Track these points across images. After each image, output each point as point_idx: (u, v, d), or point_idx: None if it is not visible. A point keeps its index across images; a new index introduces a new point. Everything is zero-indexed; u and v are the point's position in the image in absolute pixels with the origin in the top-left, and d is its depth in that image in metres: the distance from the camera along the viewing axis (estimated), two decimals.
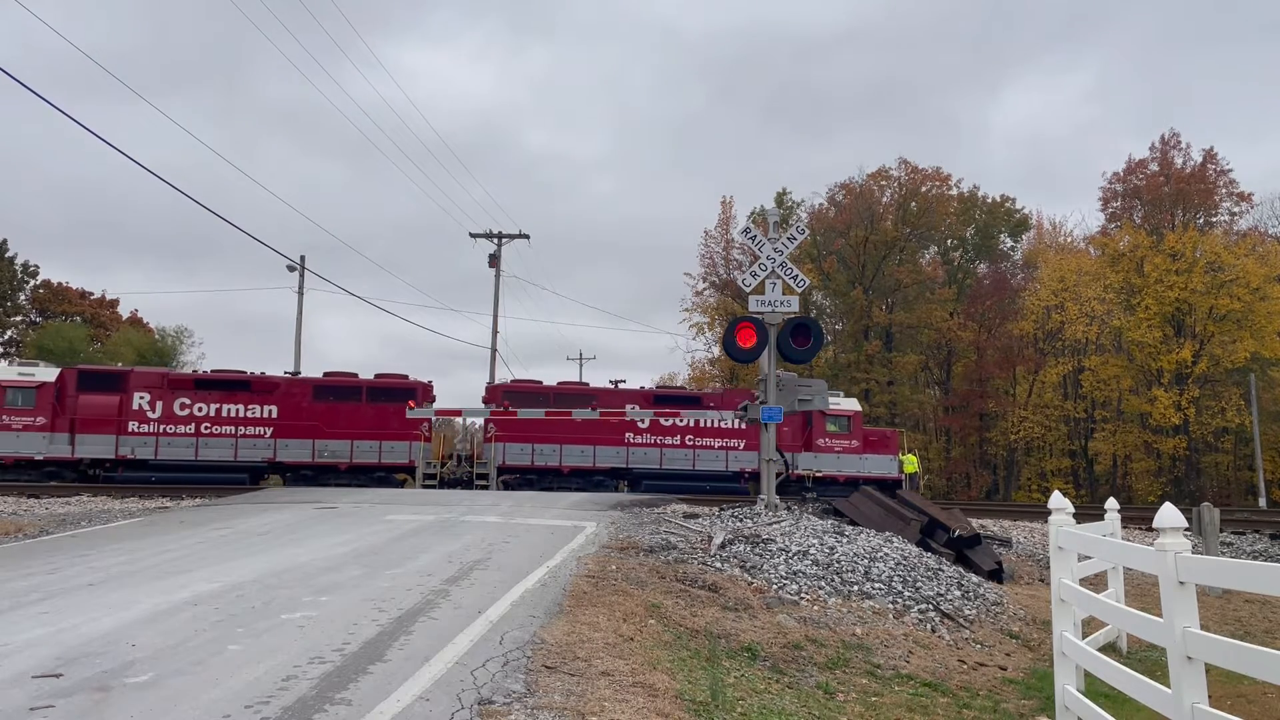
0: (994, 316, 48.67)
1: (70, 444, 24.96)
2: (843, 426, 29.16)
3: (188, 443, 25.67)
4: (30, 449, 24.64)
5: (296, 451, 26.20)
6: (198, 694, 4.88)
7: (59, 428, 24.91)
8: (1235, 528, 20.42)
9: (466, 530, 12.73)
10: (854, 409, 30.14)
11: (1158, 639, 4.76)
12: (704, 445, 28.50)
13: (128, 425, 25.38)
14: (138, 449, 25.35)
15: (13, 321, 48.82)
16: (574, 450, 27.58)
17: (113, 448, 25.21)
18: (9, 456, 24.47)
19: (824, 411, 28.58)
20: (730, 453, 28.52)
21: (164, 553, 10.44)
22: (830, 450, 28.88)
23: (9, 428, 24.52)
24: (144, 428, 25.48)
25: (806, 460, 28.69)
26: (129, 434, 25.37)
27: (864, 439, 29.45)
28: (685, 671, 6.25)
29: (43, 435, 24.74)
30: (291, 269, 37.17)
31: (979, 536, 13.93)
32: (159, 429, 25.56)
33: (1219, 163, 47.22)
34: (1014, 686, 7.71)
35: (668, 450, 28.31)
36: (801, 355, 15.66)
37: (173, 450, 25.51)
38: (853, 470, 28.64)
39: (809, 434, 28.88)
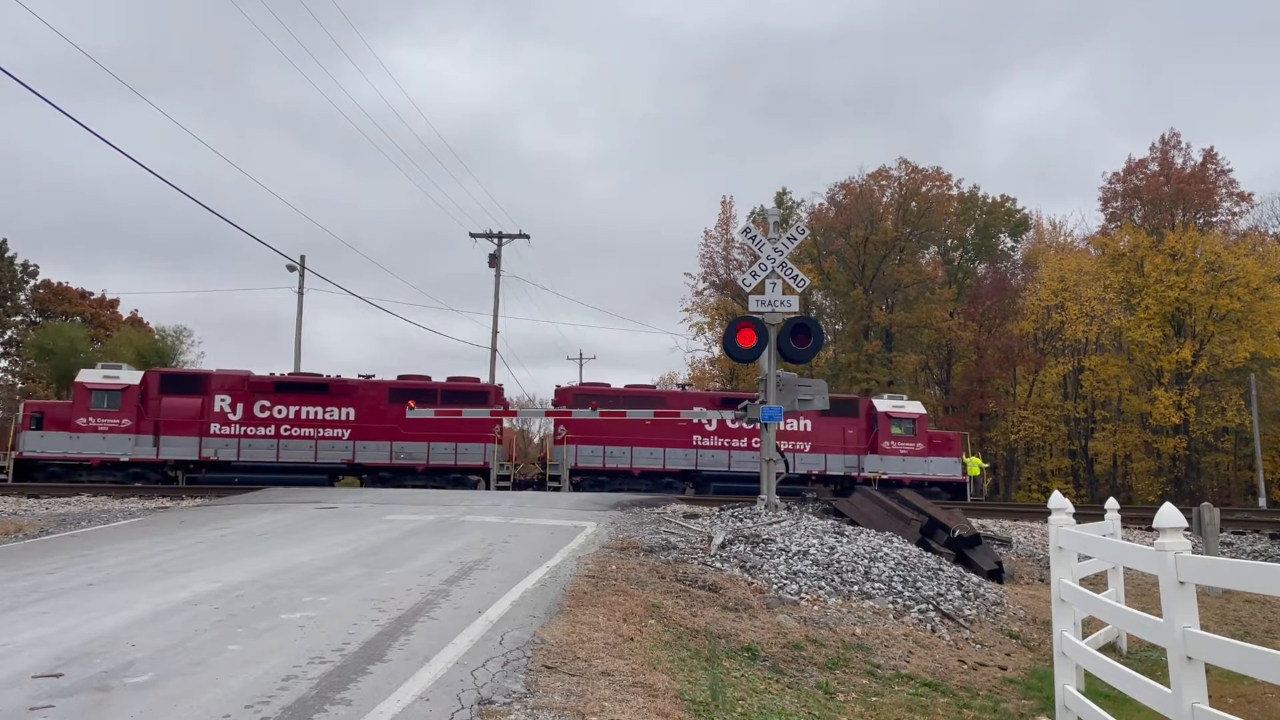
0: (994, 316, 48.67)
1: (155, 446, 25.38)
2: (907, 429, 29.27)
3: (268, 444, 26.06)
4: (116, 450, 25.05)
5: (374, 453, 26.52)
6: (198, 694, 4.88)
7: (143, 430, 25.33)
8: (1235, 528, 20.42)
9: (466, 530, 12.73)
10: (919, 412, 30.22)
11: (1158, 639, 4.76)
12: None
13: (209, 427, 25.79)
14: (220, 451, 25.76)
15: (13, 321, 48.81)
16: (643, 453, 27.82)
17: (196, 449, 25.63)
18: (96, 458, 24.88)
19: (889, 414, 28.99)
20: (797, 455, 28.67)
21: (164, 553, 10.44)
22: (895, 453, 28.99)
23: (95, 430, 24.95)
24: (225, 430, 25.91)
25: (872, 463, 28.83)
26: (211, 436, 25.80)
27: (928, 441, 29.52)
28: (685, 671, 6.25)
29: (128, 437, 25.17)
30: (291, 269, 37.16)
31: (979, 536, 13.93)
32: (240, 431, 25.98)
33: (1219, 163, 47.28)
34: (1014, 686, 7.71)
35: (735, 453, 28.48)
36: (801, 355, 15.66)
37: (254, 452, 25.93)
38: (918, 473, 28.72)
39: (874, 437, 29.04)
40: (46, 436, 24.85)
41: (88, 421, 24.98)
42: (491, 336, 39.70)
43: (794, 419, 28.38)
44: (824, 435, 28.88)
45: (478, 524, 13.53)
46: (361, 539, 11.57)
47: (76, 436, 24.87)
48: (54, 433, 24.84)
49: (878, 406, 29.61)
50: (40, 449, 24.85)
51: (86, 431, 24.91)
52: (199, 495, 20.72)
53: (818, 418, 28.67)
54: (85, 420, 25.04)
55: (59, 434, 24.80)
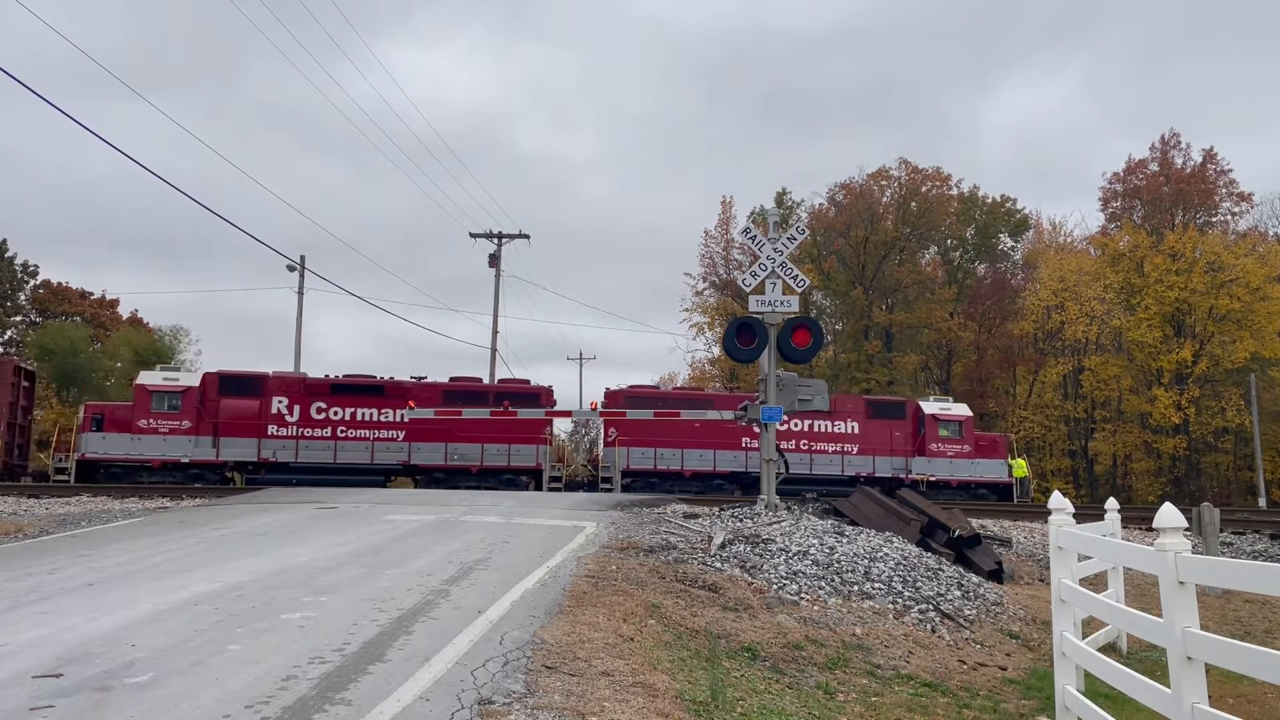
0: (994, 316, 48.67)
1: (214, 447, 25.58)
2: (954, 431, 29.44)
3: (325, 446, 26.25)
4: (177, 452, 25.28)
5: (429, 454, 26.69)
6: (198, 694, 4.88)
7: (203, 431, 25.53)
8: (1235, 528, 20.42)
9: (466, 530, 12.72)
10: (965, 414, 30.37)
11: (1158, 639, 4.76)
12: (819, 450, 28.86)
13: (266, 429, 25.99)
14: (278, 452, 25.96)
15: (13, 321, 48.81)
16: (693, 455, 27.99)
17: (255, 451, 25.80)
18: (157, 459, 25.12)
19: (936, 416, 29.20)
20: (846, 457, 28.84)
21: (164, 553, 10.43)
22: (943, 455, 29.13)
23: (156, 431, 25.19)
24: (282, 431, 26.10)
25: (920, 465, 28.95)
26: (268, 437, 25.99)
27: (975, 443, 29.65)
28: (685, 671, 6.25)
29: (189, 439, 25.42)
30: (291, 269, 37.15)
31: (979, 536, 13.93)
32: (297, 432, 26.18)
33: (1219, 163, 47.30)
34: (1014, 686, 7.71)
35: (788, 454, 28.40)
36: (801, 355, 15.66)
37: (311, 453, 26.14)
38: (965, 475, 28.87)
39: (921, 439, 29.18)
40: (108, 438, 25.06)
41: (148, 423, 25.24)
42: (491, 336, 39.75)
43: (842, 421, 28.82)
44: (872, 438, 29.08)
45: (478, 524, 13.53)
46: (361, 539, 11.57)
47: (138, 438, 25.11)
48: (115, 434, 25.06)
49: (925, 409, 29.79)
50: (102, 450, 25.08)
51: (147, 433, 25.16)
52: (199, 495, 20.73)
53: (865, 420, 29.12)
54: (146, 422, 25.28)
55: (120, 436, 25.04)
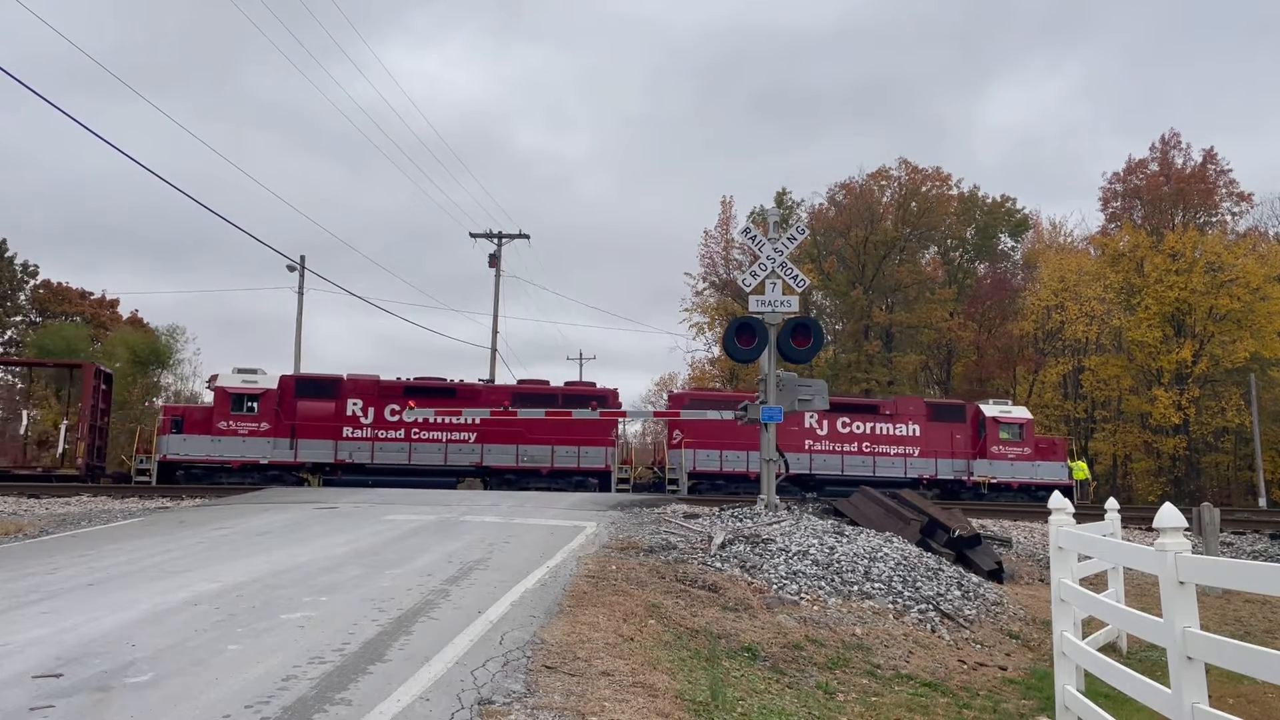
0: (994, 316, 48.67)
1: (292, 449, 25.97)
2: (1015, 434, 29.64)
3: (399, 447, 26.60)
4: (256, 453, 25.67)
5: (500, 456, 27.03)
6: (198, 694, 4.88)
7: (280, 433, 25.92)
8: (1235, 528, 20.42)
9: (466, 530, 12.72)
10: (1025, 417, 30.57)
11: (1158, 639, 4.76)
12: (882, 453, 29.08)
13: (342, 430, 26.35)
14: (354, 454, 26.32)
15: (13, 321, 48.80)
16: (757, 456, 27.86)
17: (331, 452, 26.20)
18: (236, 460, 25.52)
19: (997, 419, 29.43)
20: (908, 459, 29.06)
21: (164, 553, 10.43)
22: (1004, 457, 29.34)
23: (235, 433, 25.61)
24: (357, 433, 26.48)
25: (981, 467, 29.19)
26: (344, 439, 26.36)
27: (1035, 446, 29.87)
28: (685, 671, 6.25)
29: (267, 441, 25.79)
30: (292, 269, 37.14)
31: (979, 536, 13.93)
32: (372, 434, 26.52)
33: (1219, 163, 47.30)
34: (1014, 686, 7.71)
35: (848, 457, 28.87)
36: (801, 355, 15.66)
37: (386, 455, 26.48)
38: (1026, 477, 29.05)
39: (983, 442, 29.39)
40: (189, 440, 25.50)
41: (228, 425, 25.64)
42: (491, 336, 39.75)
43: (903, 424, 29.07)
44: (933, 440, 29.32)
45: (478, 524, 13.53)
46: (361, 539, 11.57)
47: (218, 440, 25.55)
48: (196, 436, 25.52)
49: (985, 411, 30.02)
50: (183, 452, 25.48)
51: (227, 435, 25.59)
52: (199, 495, 20.75)
53: (926, 423, 29.37)
54: (226, 424, 25.66)
55: (201, 437, 25.51)
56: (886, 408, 29.87)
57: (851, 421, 28.99)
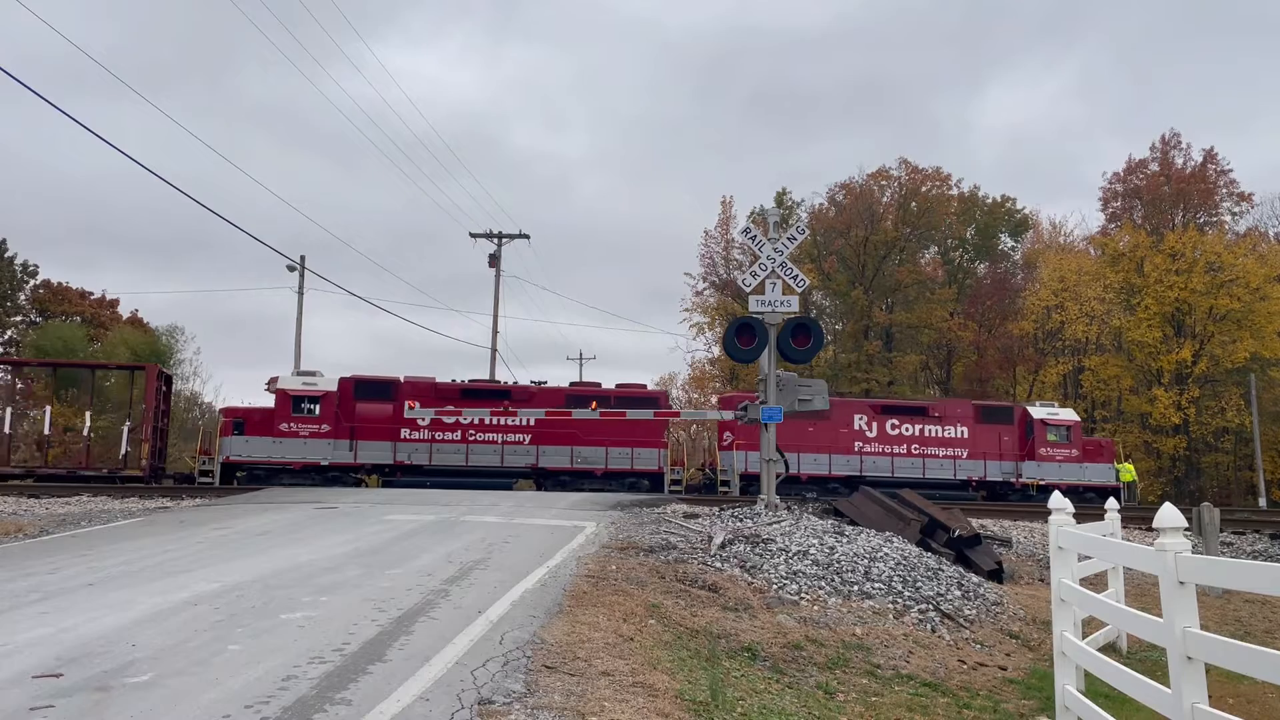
0: (994, 316, 48.67)
1: (352, 450, 26.27)
2: (1063, 436, 29.78)
3: (456, 449, 26.87)
4: (316, 455, 25.93)
5: (554, 458, 27.28)
6: (198, 694, 4.88)
7: (340, 434, 26.18)
8: (1235, 528, 20.42)
9: (466, 530, 12.72)
10: (1073, 419, 30.70)
11: (1158, 639, 4.76)
12: (931, 454, 29.29)
13: (400, 432, 26.58)
14: (413, 455, 26.59)
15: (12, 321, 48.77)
16: (808, 459, 28.37)
17: (391, 454, 26.47)
18: (298, 462, 25.85)
19: (1045, 421, 29.60)
20: (957, 461, 29.22)
21: (164, 553, 10.43)
22: (1052, 459, 29.46)
23: (296, 435, 25.94)
24: (415, 435, 26.69)
25: (1030, 469, 29.33)
26: (402, 440, 26.60)
27: (1083, 448, 30.01)
28: (685, 671, 6.25)
29: (328, 442, 26.03)
30: (291, 269, 37.13)
31: (979, 536, 13.93)
32: (429, 436, 26.77)
33: (1219, 163, 47.27)
34: (1014, 686, 7.71)
35: (898, 459, 29.08)
36: (801, 355, 15.67)
37: (443, 456, 26.77)
38: (1074, 478, 29.11)
39: (1031, 444, 29.55)
40: (251, 441, 25.82)
41: (289, 427, 25.93)
42: (491, 336, 39.75)
43: (952, 426, 29.31)
44: (981, 442, 29.49)
45: (478, 524, 13.53)
46: (361, 539, 11.57)
47: (279, 441, 25.87)
48: (257, 438, 25.83)
49: (1033, 414, 30.18)
50: (246, 453, 25.79)
51: (288, 436, 25.91)
52: (199, 495, 20.76)
53: (974, 424, 29.53)
54: (287, 426, 25.93)
55: (262, 439, 25.81)
56: (935, 410, 30.15)
57: (901, 423, 29.22)
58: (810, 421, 27.88)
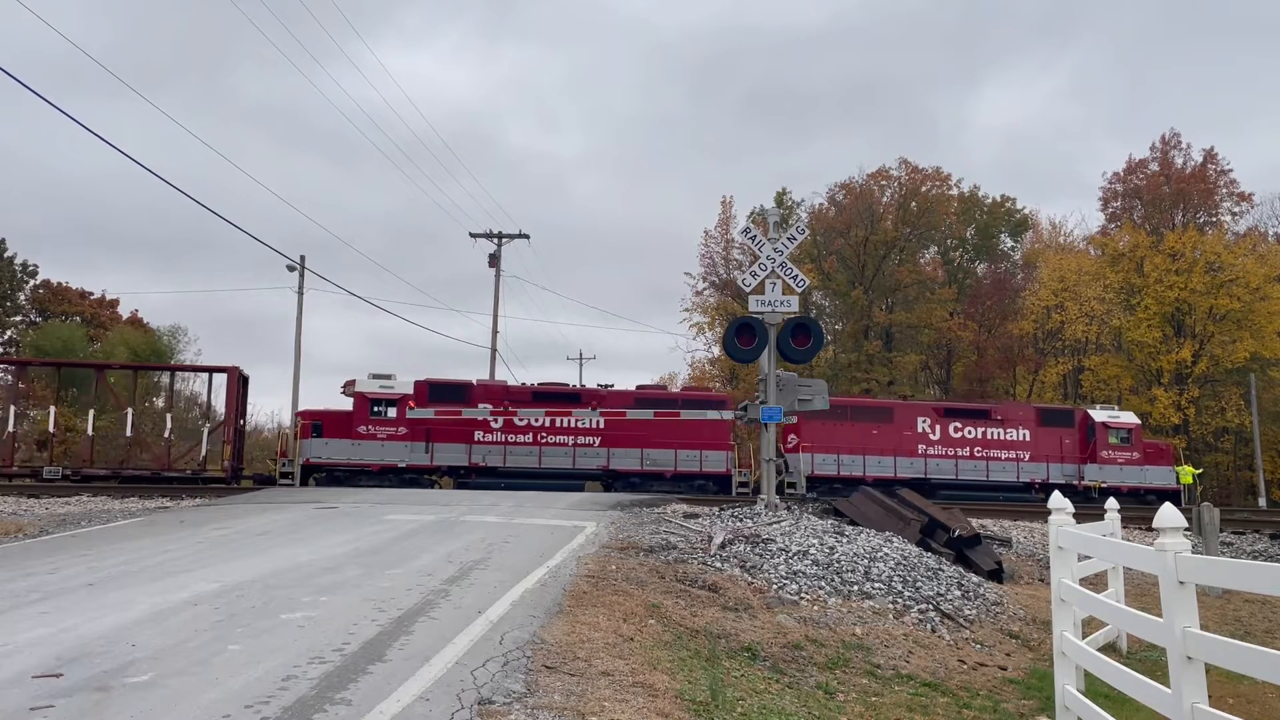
0: (994, 316, 48.68)
1: (427, 453, 26.75)
2: (1123, 438, 30.05)
3: (528, 451, 27.30)
4: (394, 457, 26.52)
5: (625, 460, 27.60)
6: (198, 694, 4.88)
7: (416, 437, 26.71)
8: (1235, 528, 20.44)
9: (466, 530, 12.72)
10: (1134, 422, 31.01)
11: (1158, 639, 4.76)
12: (994, 457, 29.49)
13: (473, 435, 27.04)
14: (487, 457, 27.03)
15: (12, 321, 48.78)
16: (872, 461, 28.70)
17: (465, 456, 26.95)
18: (376, 464, 26.37)
19: (1107, 424, 29.93)
20: (1020, 464, 29.45)
21: (164, 553, 10.43)
22: (1113, 462, 29.72)
23: (374, 437, 26.53)
24: (488, 437, 27.21)
25: (1092, 472, 29.58)
26: (476, 443, 27.06)
27: (1143, 450, 30.25)
28: (685, 671, 6.25)
29: (405, 445, 26.69)
30: (291, 269, 37.09)
31: (979, 536, 13.94)
32: (502, 438, 27.21)
33: (1219, 163, 47.28)
34: (1014, 686, 7.71)
35: (962, 461, 29.33)
36: (801, 355, 15.67)
37: (517, 459, 27.19)
38: (1135, 481, 29.44)
39: (1093, 446, 29.82)
40: (330, 444, 26.36)
41: (367, 429, 26.50)
42: (492, 336, 39.74)
43: (1014, 429, 29.61)
44: (1043, 445, 29.74)
45: (478, 524, 13.53)
46: (361, 539, 11.57)
47: (357, 444, 26.42)
48: (336, 440, 26.37)
49: (1094, 417, 30.42)
50: (325, 455, 26.30)
51: (366, 439, 26.46)
52: (199, 495, 20.77)
53: (1036, 428, 29.84)
54: (365, 428, 26.49)
55: (341, 441, 26.37)
56: (997, 413, 30.45)
57: (963, 426, 29.54)
58: (874, 424, 28.49)
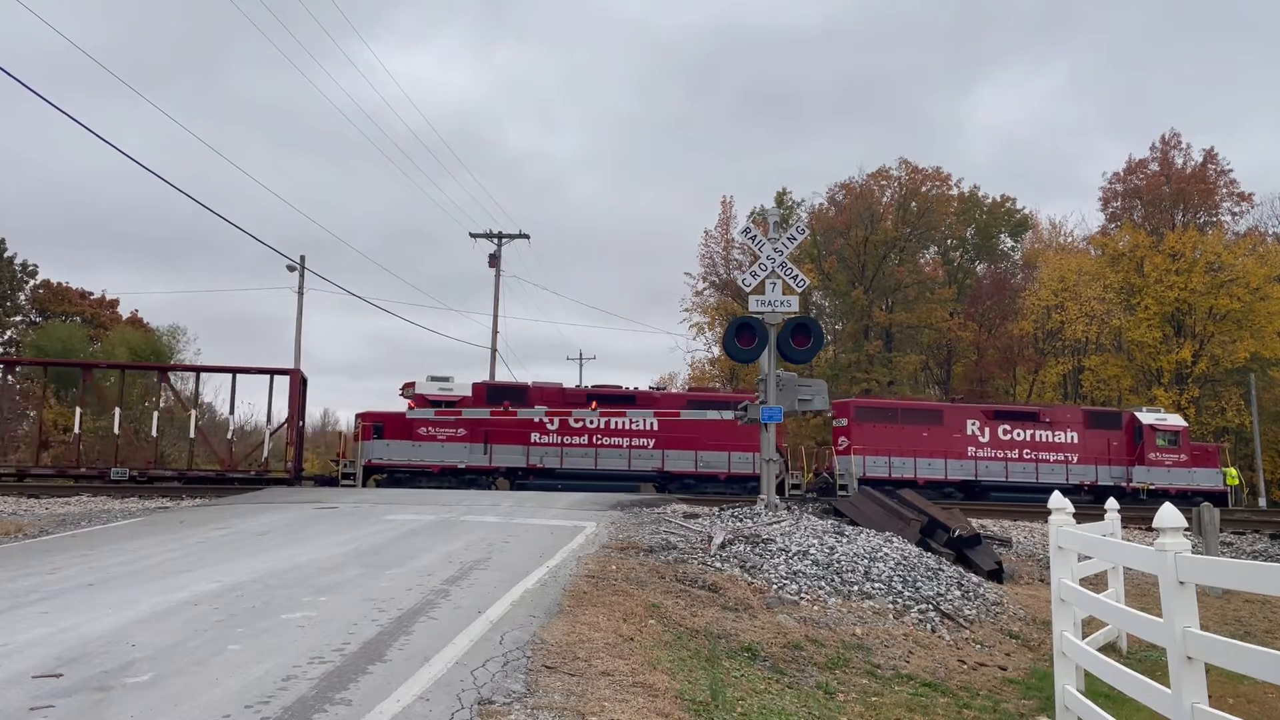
0: (994, 316, 48.69)
1: (486, 454, 27.17)
2: (1171, 441, 30.24)
3: (584, 453, 27.69)
4: (454, 458, 26.93)
5: (679, 462, 27.95)
6: (198, 694, 4.88)
7: (475, 439, 27.16)
8: (1235, 528, 20.44)
9: (466, 530, 12.72)
10: (1181, 424, 31.19)
11: (1158, 639, 4.76)
12: (1043, 460, 29.67)
13: (530, 436, 27.48)
14: (545, 459, 27.46)
15: (12, 321, 48.77)
16: (923, 463, 28.93)
17: (523, 457, 27.41)
18: (436, 465, 26.83)
19: (1154, 426, 30.16)
20: (1069, 466, 29.63)
21: (164, 553, 10.43)
22: (1161, 464, 29.92)
23: (434, 439, 27.00)
24: (545, 439, 27.65)
25: (1140, 474, 29.77)
26: (533, 445, 27.50)
27: (1190, 453, 30.42)
28: (685, 671, 6.25)
29: (464, 446, 27.04)
30: (291, 269, 37.13)
31: (979, 536, 13.93)
32: (559, 440, 27.63)
33: (1219, 163, 47.30)
34: (1014, 686, 7.71)
35: (1012, 464, 29.51)
36: (801, 355, 15.67)
37: (573, 460, 27.57)
38: (1182, 483, 29.59)
39: (1140, 449, 30.01)
40: (391, 445, 26.79)
41: (427, 431, 26.90)
42: (491, 336, 39.74)
43: (1062, 431, 29.83)
44: (1090, 447, 29.96)
45: (478, 524, 13.53)
46: (361, 539, 11.57)
47: (418, 445, 26.88)
48: (398, 441, 26.79)
49: (1141, 419, 30.60)
50: (386, 457, 26.72)
51: (426, 440, 26.90)
52: (199, 495, 20.77)
53: (1084, 430, 30.03)
54: (425, 430, 26.89)
55: (402, 443, 26.79)
56: (1045, 415, 30.63)
57: (1013, 428, 29.73)
58: (925, 427, 28.79)
